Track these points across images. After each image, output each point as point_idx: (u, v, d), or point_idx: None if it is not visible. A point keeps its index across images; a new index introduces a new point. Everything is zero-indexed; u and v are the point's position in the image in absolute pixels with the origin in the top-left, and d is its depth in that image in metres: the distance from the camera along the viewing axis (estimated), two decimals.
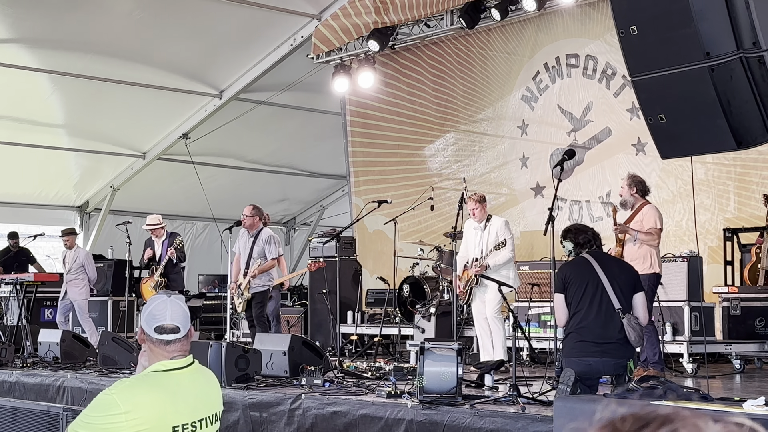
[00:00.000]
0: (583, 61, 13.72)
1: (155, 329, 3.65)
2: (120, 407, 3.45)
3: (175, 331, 3.66)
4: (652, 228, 8.98)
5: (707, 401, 5.01)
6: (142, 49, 14.90)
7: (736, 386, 9.19)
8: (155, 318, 3.67)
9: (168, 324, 3.65)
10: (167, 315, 3.67)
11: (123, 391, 3.52)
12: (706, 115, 4.57)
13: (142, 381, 3.62)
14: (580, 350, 6.87)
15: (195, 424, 3.61)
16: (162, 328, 3.65)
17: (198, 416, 3.64)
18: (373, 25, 14.55)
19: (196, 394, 3.68)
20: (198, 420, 3.63)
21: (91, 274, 13.56)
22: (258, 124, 17.44)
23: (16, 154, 16.49)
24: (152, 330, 3.65)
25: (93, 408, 3.53)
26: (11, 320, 14.25)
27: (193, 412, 3.63)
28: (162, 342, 3.65)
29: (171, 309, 3.69)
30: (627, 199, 9.23)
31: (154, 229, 12.56)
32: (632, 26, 4.67)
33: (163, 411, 3.53)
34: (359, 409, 7.45)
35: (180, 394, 3.60)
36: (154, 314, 3.68)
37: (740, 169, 12.27)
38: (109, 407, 3.47)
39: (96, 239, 18.18)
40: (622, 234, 9.07)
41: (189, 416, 3.60)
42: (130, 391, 3.53)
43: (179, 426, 3.55)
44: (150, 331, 3.66)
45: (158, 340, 3.65)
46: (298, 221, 21.51)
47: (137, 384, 3.60)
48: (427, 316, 12.01)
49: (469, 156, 15.43)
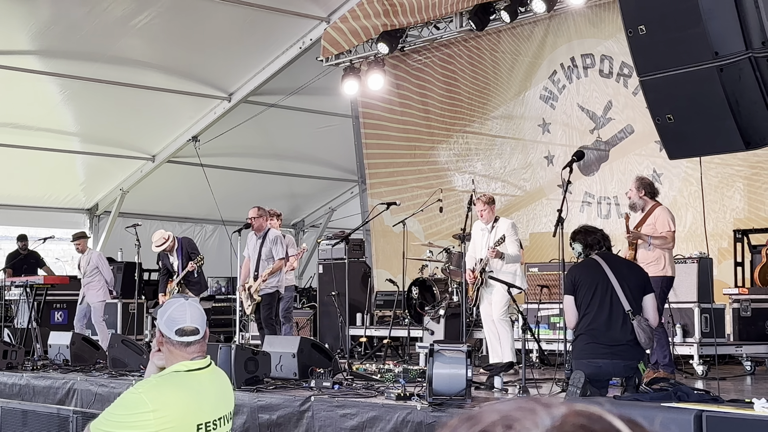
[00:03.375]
0: (598, 60, 13.71)
1: (176, 332, 3.76)
2: (148, 405, 3.55)
3: (194, 332, 3.78)
4: (666, 231, 8.94)
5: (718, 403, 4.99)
6: (152, 52, 14.92)
7: (746, 388, 9.16)
8: (175, 321, 3.77)
9: (188, 326, 3.76)
10: (187, 317, 3.78)
11: (150, 390, 3.63)
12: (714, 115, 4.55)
13: (167, 381, 3.72)
14: (590, 352, 6.86)
15: (216, 422, 3.73)
16: (182, 331, 3.76)
17: (218, 414, 3.76)
18: (382, 27, 14.54)
19: (216, 393, 3.80)
20: (218, 418, 3.75)
21: (106, 275, 13.48)
22: (267, 126, 17.45)
23: (25, 157, 16.53)
24: (173, 333, 3.76)
25: (119, 406, 3.62)
26: (21, 323, 14.28)
27: (214, 411, 3.75)
28: (183, 344, 3.76)
29: (190, 311, 3.80)
30: (636, 202, 9.21)
31: (163, 248, 12.35)
32: (641, 26, 4.65)
33: (188, 409, 3.64)
34: (368, 411, 7.44)
35: (202, 393, 3.72)
36: (174, 317, 3.78)
37: (750, 170, 12.24)
38: (137, 405, 3.57)
39: (105, 242, 18.21)
40: (636, 240, 9.02)
41: (210, 414, 3.72)
42: (157, 390, 3.63)
43: (202, 424, 3.67)
44: (170, 334, 3.76)
45: (179, 342, 3.76)
46: (307, 223, 21.52)
47: (163, 383, 3.70)
48: (436, 318, 12.00)
49: (484, 156, 15.41)
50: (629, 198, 9.31)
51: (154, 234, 12.47)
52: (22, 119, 15.69)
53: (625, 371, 6.93)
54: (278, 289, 11.58)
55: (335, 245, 13.10)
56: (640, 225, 9.09)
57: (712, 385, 8.56)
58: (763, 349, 10.69)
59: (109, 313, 15.18)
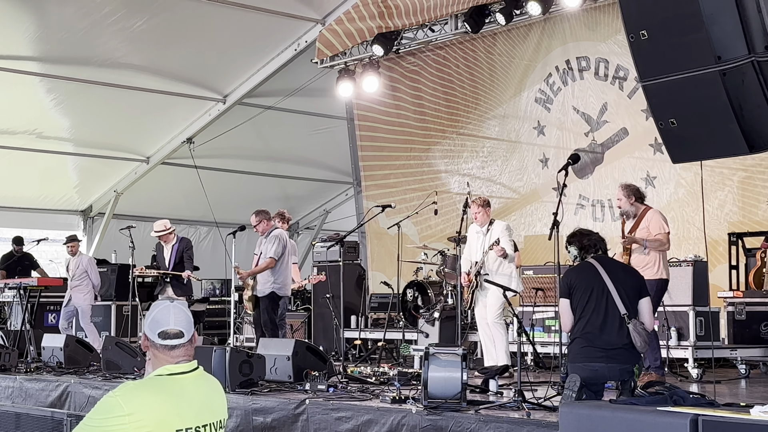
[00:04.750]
0: (594, 63, 13.72)
1: (159, 334, 3.69)
2: (123, 409, 3.48)
3: (178, 336, 3.70)
4: (660, 234, 8.95)
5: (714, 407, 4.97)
6: (147, 53, 14.88)
7: (741, 391, 9.16)
8: (158, 323, 3.70)
9: (171, 329, 3.69)
10: (170, 320, 3.71)
11: (126, 393, 3.55)
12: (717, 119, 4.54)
13: (145, 384, 3.65)
14: (586, 356, 6.85)
15: (199, 430, 3.63)
16: (165, 333, 3.68)
17: (202, 422, 3.66)
18: (377, 29, 14.53)
19: (201, 400, 3.70)
20: (202, 425, 3.65)
21: (94, 280, 13.68)
22: (262, 128, 17.42)
23: (20, 159, 16.50)
24: (156, 335, 3.69)
25: (96, 411, 3.55)
26: (15, 325, 14.23)
27: (197, 417, 3.64)
28: (166, 347, 3.68)
29: (174, 314, 3.73)
30: (628, 209, 9.20)
31: (162, 235, 12.46)
32: (642, 31, 4.65)
33: (166, 414, 3.55)
34: (363, 414, 7.43)
35: (184, 398, 3.63)
36: (158, 320, 3.72)
37: (744, 174, 12.25)
38: (111, 409, 3.50)
39: (99, 243, 18.19)
40: (630, 244, 9.02)
41: (192, 421, 3.62)
42: (133, 394, 3.55)
43: (183, 430, 3.58)
44: (153, 337, 3.69)
45: (162, 346, 3.69)
46: (301, 225, 21.51)
47: (141, 387, 3.63)
48: (431, 321, 11.99)
49: (479, 158, 15.41)
50: (619, 207, 9.29)
51: (158, 222, 12.65)
52: (16, 121, 15.65)
53: (620, 375, 6.91)
54: (275, 292, 11.40)
55: (330, 247, 13.09)
56: (634, 230, 9.09)
57: (707, 389, 8.56)
58: (757, 352, 10.70)
59: (102, 316, 15.18)
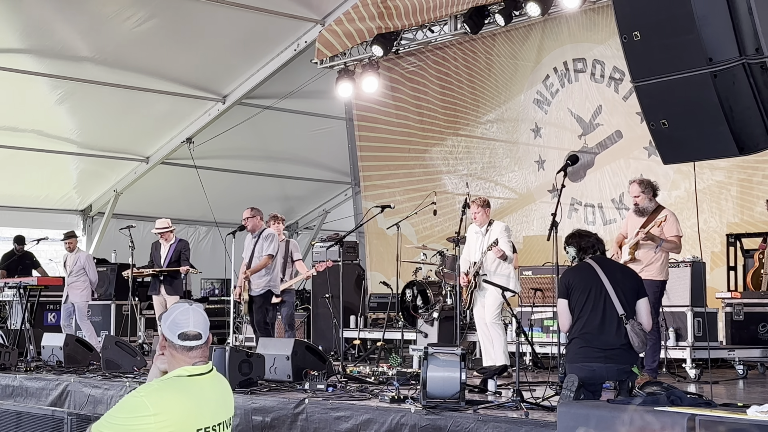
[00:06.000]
0: (590, 65, 13.74)
1: (179, 336, 3.80)
2: (149, 409, 3.58)
3: (197, 337, 3.82)
4: (675, 236, 8.90)
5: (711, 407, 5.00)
6: (147, 54, 14.91)
7: (739, 392, 9.18)
8: (178, 325, 3.81)
9: (191, 331, 3.80)
10: (190, 322, 3.82)
11: (152, 394, 3.66)
12: (708, 120, 4.57)
13: (169, 385, 3.74)
14: (584, 356, 6.87)
15: (216, 428, 3.77)
16: (185, 335, 3.80)
17: (218, 420, 3.80)
18: (376, 30, 14.55)
19: (216, 399, 3.85)
20: (217, 423, 3.79)
21: (92, 277, 13.71)
22: (261, 128, 17.45)
23: (20, 158, 16.52)
24: (176, 336, 3.80)
25: (120, 409, 3.65)
26: (15, 324, 14.26)
27: (214, 416, 3.78)
28: (185, 348, 3.80)
29: (194, 316, 3.84)
30: (647, 206, 9.02)
31: (162, 232, 12.58)
32: (635, 31, 4.67)
33: (189, 414, 3.68)
34: (362, 413, 7.46)
35: (203, 398, 3.76)
36: (178, 321, 3.82)
37: (742, 175, 12.27)
38: (137, 409, 3.60)
39: (99, 243, 18.22)
40: (647, 240, 8.93)
41: (211, 420, 3.76)
42: (158, 394, 3.66)
43: (202, 429, 3.71)
44: (173, 338, 3.80)
45: (181, 347, 3.79)
46: (300, 225, 21.53)
47: (165, 388, 3.72)
48: (430, 321, 12.02)
49: (477, 159, 15.42)
50: (636, 204, 9.09)
51: (160, 219, 12.82)
52: (16, 120, 15.68)
53: (618, 375, 6.94)
54: (271, 290, 11.43)
55: (329, 247, 13.10)
56: (645, 226, 8.98)
57: (704, 389, 8.59)
58: (755, 353, 10.72)
59: (102, 315, 15.21)
